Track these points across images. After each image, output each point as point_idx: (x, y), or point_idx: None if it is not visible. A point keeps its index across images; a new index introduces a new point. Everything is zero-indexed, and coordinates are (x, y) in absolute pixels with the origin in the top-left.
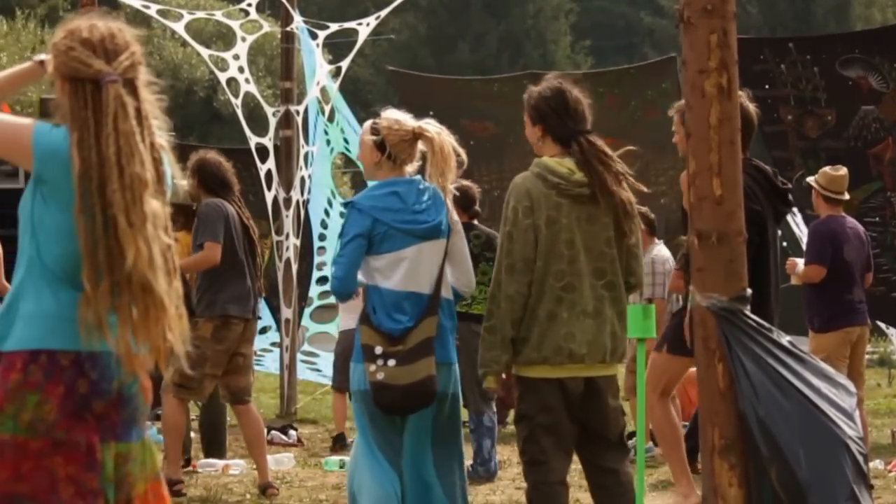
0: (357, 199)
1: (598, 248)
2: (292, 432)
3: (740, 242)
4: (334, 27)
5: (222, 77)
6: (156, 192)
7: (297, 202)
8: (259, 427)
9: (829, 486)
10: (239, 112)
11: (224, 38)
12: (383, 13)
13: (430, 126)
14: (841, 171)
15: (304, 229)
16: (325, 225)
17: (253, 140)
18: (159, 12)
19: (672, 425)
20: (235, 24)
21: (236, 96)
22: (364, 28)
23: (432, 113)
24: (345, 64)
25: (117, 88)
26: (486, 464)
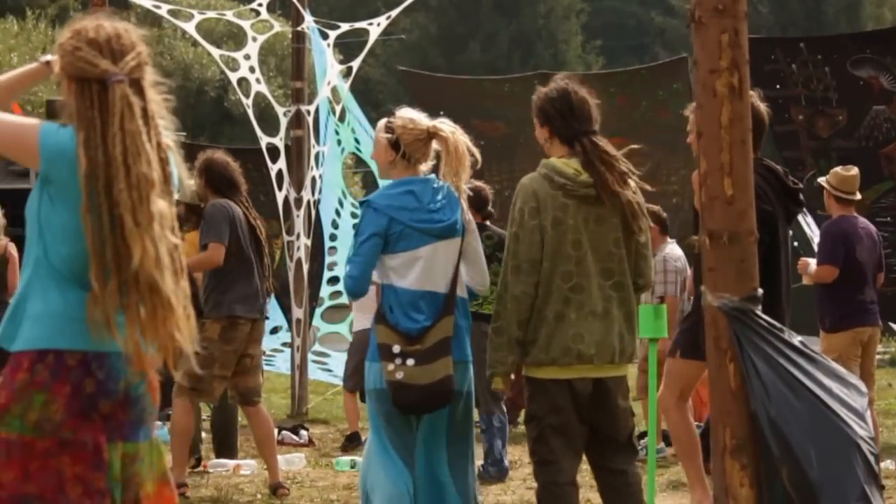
0: (373, 197)
1: (605, 248)
2: (303, 432)
3: (751, 242)
4: (345, 27)
5: (233, 77)
6: (162, 191)
7: (308, 202)
8: (269, 427)
9: (841, 486)
10: (250, 112)
11: (235, 37)
12: (394, 13)
13: (445, 125)
14: (852, 171)
15: (314, 229)
16: (335, 225)
17: (264, 140)
18: (170, 12)
19: (690, 431)
20: (246, 24)
21: (247, 96)
22: (375, 28)
23: (442, 113)
24: (355, 64)
25: (123, 88)
26: (497, 464)
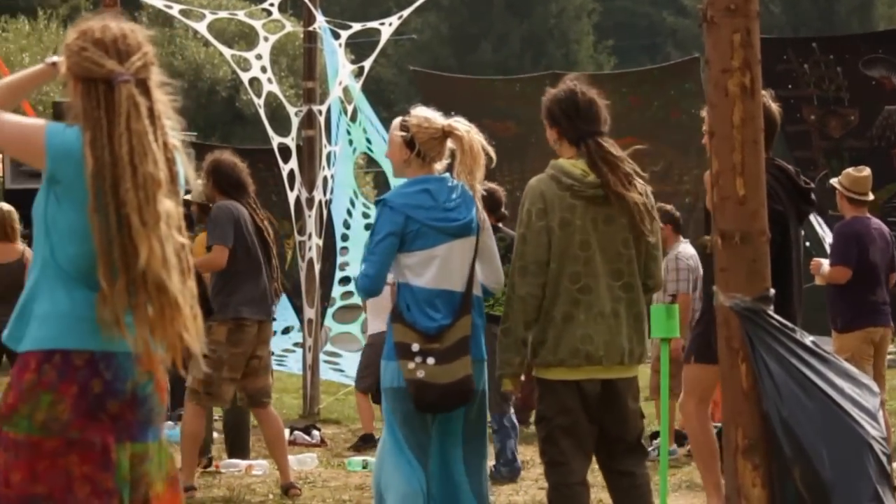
0: (389, 196)
1: (614, 248)
2: (315, 433)
3: (763, 242)
4: (357, 27)
5: (245, 77)
6: (169, 191)
7: (320, 202)
8: (279, 428)
9: (853, 486)
10: (261, 112)
11: (246, 37)
12: (406, 13)
13: (460, 124)
14: (864, 172)
15: (326, 229)
16: (347, 225)
17: (275, 140)
18: (182, 12)
19: (709, 439)
20: (258, 24)
21: (259, 96)
22: (386, 28)
23: (453, 113)
24: (367, 64)
25: (129, 88)
26: (509, 464)
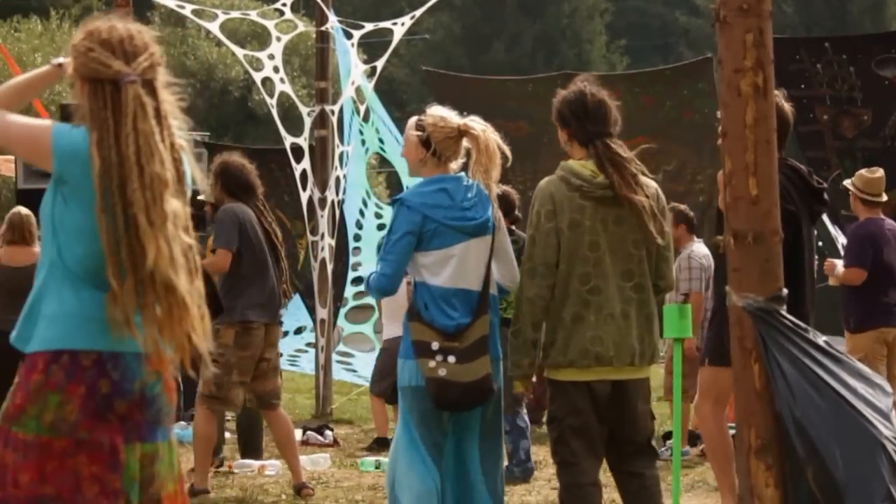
0: (406, 195)
1: (625, 249)
2: (328, 433)
3: (776, 242)
4: (369, 27)
5: (257, 77)
6: (176, 191)
7: (333, 202)
8: (288, 429)
9: (866, 486)
10: (274, 112)
11: (259, 37)
12: (418, 13)
13: (476, 123)
14: (877, 173)
15: (339, 229)
16: (360, 225)
17: (288, 140)
18: (194, 12)
19: (725, 441)
20: (270, 24)
21: (271, 96)
22: (399, 28)
23: (466, 113)
24: (380, 64)
25: (136, 89)
26: (522, 464)
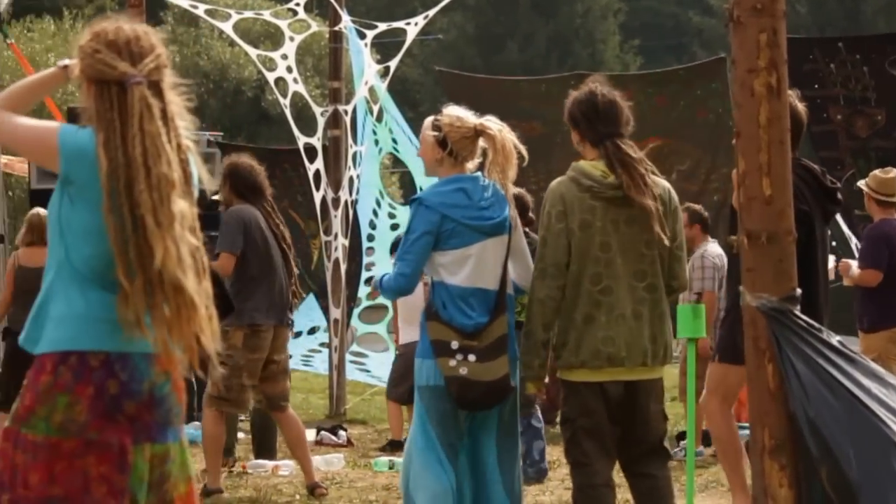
0: (424, 195)
1: (636, 249)
2: (342, 433)
3: (790, 242)
4: (382, 27)
5: (270, 77)
6: (183, 192)
7: (346, 202)
8: (299, 429)
9: (880, 486)
10: (287, 112)
11: (272, 37)
12: (431, 13)
13: (492, 123)
14: (891, 173)
15: (352, 229)
16: (373, 225)
17: (301, 140)
18: (207, 12)
19: (733, 437)
20: (283, 24)
21: (284, 96)
22: (412, 28)
23: (478, 113)
24: (393, 64)
25: (142, 90)
26: (535, 464)
